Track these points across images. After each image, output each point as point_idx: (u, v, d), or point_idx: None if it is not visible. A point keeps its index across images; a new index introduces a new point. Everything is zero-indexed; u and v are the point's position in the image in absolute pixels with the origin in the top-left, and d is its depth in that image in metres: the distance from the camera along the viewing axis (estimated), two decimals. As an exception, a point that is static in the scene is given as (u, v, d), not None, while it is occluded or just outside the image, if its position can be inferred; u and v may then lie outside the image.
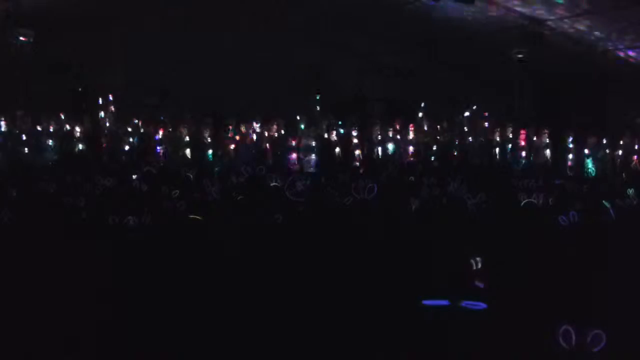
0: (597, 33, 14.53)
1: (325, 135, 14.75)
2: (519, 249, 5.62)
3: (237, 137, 14.15)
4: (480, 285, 4.68)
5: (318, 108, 15.77)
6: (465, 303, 4.43)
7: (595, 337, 3.62)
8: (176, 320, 4.51)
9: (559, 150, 14.92)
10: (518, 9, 14.17)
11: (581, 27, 14.37)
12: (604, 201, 7.53)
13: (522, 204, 8.05)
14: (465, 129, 15.46)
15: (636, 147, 14.86)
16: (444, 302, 4.44)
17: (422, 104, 15.69)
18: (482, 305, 4.43)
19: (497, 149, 15.07)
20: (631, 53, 14.76)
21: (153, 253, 5.86)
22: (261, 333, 4.29)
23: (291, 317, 4.47)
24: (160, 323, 4.50)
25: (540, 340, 3.79)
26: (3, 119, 13.29)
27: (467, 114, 15.66)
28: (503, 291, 4.77)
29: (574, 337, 3.65)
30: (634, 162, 15.02)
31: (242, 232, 6.47)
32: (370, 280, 4.98)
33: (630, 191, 9.03)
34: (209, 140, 13.88)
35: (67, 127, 13.82)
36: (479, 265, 4.84)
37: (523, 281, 4.92)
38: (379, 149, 14.79)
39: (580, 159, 14.77)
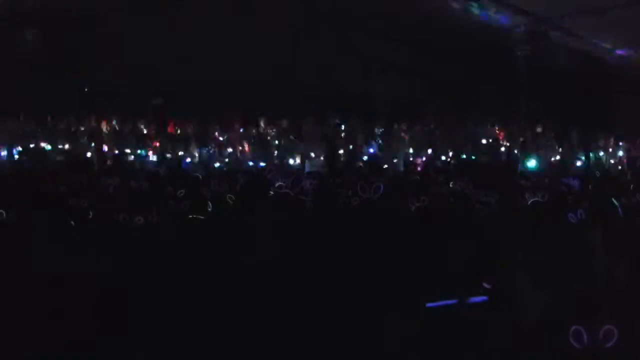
0: (599, 32, 14.56)
1: (330, 135, 14.73)
2: (526, 247, 5.59)
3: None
4: (487, 286, 4.65)
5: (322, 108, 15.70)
6: (472, 300, 4.39)
7: (607, 333, 3.60)
8: (181, 320, 4.50)
9: (565, 149, 14.92)
10: (522, 7, 14.20)
11: (584, 26, 14.40)
12: (613, 199, 7.51)
13: (529, 202, 8.01)
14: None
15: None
16: (451, 302, 4.38)
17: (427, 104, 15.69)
18: (483, 299, 4.41)
19: (503, 148, 15.05)
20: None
21: (159, 252, 5.85)
22: (266, 334, 4.28)
23: (297, 317, 4.46)
24: (164, 322, 4.49)
25: (552, 340, 3.76)
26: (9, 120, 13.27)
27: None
28: (511, 290, 4.74)
29: (585, 337, 3.62)
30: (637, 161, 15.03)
31: (244, 231, 6.44)
32: (374, 280, 4.95)
33: None
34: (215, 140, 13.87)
35: (72, 127, 13.81)
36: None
37: (532, 280, 4.89)
38: (383, 150, 14.76)
39: (586, 158, 14.78)
